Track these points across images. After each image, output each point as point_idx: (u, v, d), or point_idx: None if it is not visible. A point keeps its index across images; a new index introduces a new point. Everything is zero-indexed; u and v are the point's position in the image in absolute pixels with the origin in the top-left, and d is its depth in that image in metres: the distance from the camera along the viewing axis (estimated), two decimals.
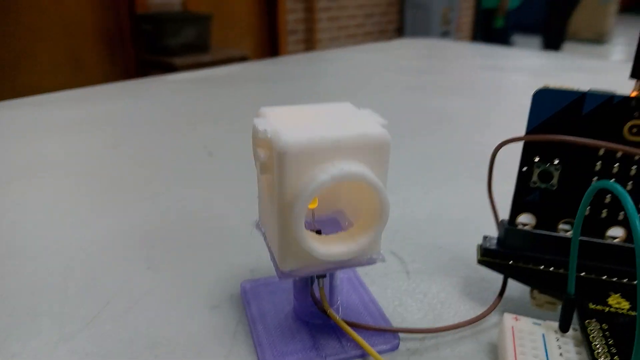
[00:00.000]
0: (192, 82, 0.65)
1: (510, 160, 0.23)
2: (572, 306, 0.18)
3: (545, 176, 0.20)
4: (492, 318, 0.21)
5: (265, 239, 0.19)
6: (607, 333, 0.18)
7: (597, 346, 0.17)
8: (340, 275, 0.20)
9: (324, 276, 0.19)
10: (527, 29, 3.58)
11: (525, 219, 0.21)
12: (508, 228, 0.21)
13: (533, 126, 0.20)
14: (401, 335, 0.20)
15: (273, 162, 0.16)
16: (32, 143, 0.43)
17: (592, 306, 0.19)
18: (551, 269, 0.20)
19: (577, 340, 0.18)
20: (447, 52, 0.91)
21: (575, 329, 0.18)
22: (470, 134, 0.46)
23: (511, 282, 0.22)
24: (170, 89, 0.62)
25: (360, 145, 0.16)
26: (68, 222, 0.29)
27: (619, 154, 0.19)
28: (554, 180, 0.20)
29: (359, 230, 0.17)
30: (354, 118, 0.18)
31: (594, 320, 0.18)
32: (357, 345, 0.19)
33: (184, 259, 0.26)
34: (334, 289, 0.20)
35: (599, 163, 0.19)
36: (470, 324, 0.21)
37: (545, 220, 0.21)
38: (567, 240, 0.20)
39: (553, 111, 0.20)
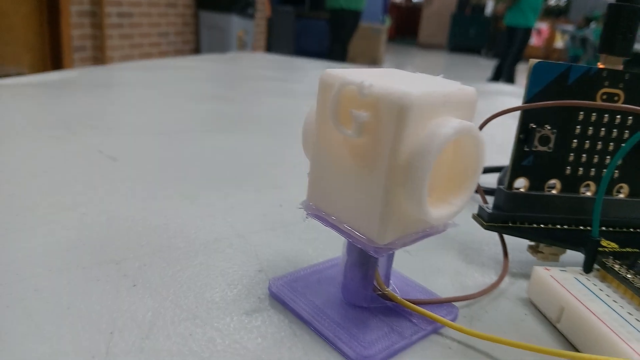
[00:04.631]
0: None
1: None
2: (596, 248, 0.20)
3: (545, 140, 0.22)
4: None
5: (325, 218, 0.17)
6: (624, 266, 0.20)
7: (629, 276, 0.19)
8: None
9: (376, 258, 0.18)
10: (313, 54, 4.14)
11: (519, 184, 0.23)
12: (511, 193, 0.23)
13: (531, 95, 0.22)
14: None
15: (380, 120, 0.15)
16: None
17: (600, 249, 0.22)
18: (558, 225, 0.23)
19: (601, 278, 0.20)
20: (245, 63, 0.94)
21: (597, 269, 0.21)
22: None
23: (492, 244, 0.24)
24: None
25: (462, 100, 0.16)
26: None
27: (605, 118, 0.23)
28: (551, 143, 0.23)
29: (448, 192, 0.17)
30: (427, 78, 0.17)
31: (610, 257, 0.21)
32: (428, 321, 0.18)
33: (172, 275, 0.21)
34: (389, 269, 0.19)
35: (589, 127, 0.23)
36: (499, 283, 0.22)
37: (537, 182, 0.23)
38: (563, 198, 0.23)
39: (547, 82, 0.22)
